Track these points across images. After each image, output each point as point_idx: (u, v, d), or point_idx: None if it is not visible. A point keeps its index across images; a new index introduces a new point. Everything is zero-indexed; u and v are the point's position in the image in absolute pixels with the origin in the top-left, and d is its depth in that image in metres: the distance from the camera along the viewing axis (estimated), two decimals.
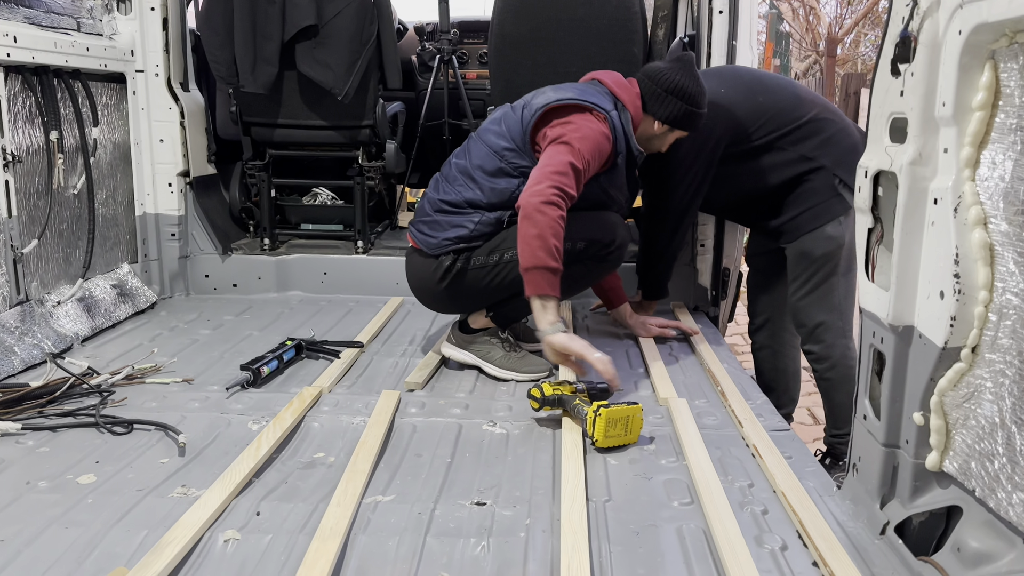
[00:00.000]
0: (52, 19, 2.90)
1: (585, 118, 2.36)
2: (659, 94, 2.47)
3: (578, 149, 2.29)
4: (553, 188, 2.22)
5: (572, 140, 2.29)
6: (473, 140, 2.54)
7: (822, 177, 2.71)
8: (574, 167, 2.26)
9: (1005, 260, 1.26)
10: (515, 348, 2.58)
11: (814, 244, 2.71)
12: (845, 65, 12.90)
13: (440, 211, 2.49)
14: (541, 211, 2.19)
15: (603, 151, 2.37)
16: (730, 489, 1.77)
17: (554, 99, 2.38)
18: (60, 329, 2.77)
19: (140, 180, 3.42)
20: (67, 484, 1.80)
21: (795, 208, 2.76)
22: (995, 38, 1.25)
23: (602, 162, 2.39)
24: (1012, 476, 1.23)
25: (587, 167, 2.31)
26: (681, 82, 2.46)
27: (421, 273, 2.54)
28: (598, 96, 2.43)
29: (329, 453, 1.97)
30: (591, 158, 2.32)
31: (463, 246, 2.45)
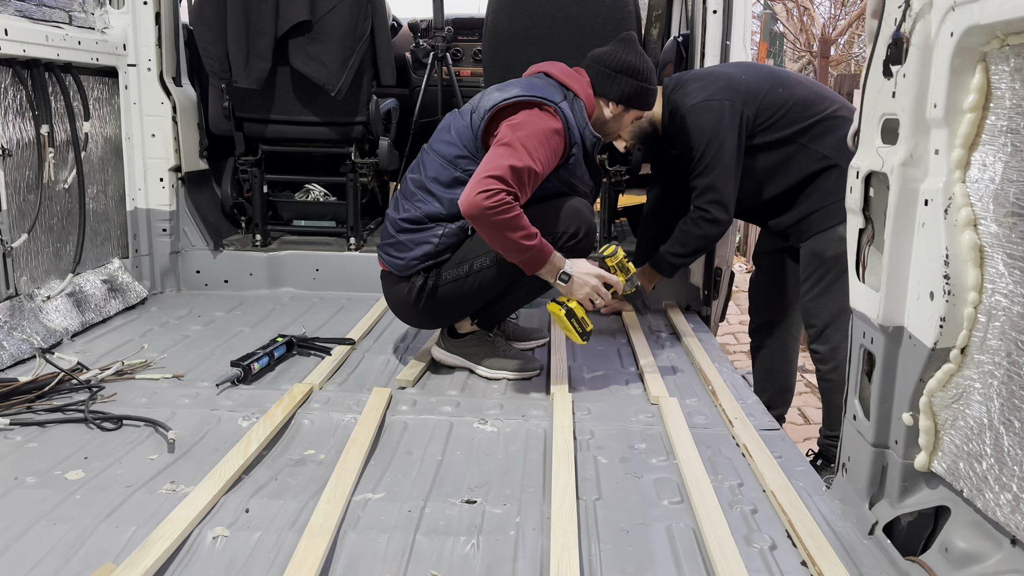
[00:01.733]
0: (44, 12, 2.88)
1: (534, 114, 2.30)
2: (608, 75, 2.42)
3: (521, 149, 2.23)
4: (484, 192, 2.15)
5: (513, 141, 2.23)
6: (425, 152, 2.48)
7: (836, 176, 2.70)
8: (513, 169, 2.19)
9: (995, 261, 1.26)
10: (506, 347, 2.58)
11: (826, 244, 2.71)
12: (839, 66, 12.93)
13: (402, 231, 2.44)
14: (490, 217, 2.16)
15: (555, 145, 2.30)
16: (720, 488, 1.78)
17: (500, 99, 2.32)
18: (50, 324, 2.75)
19: (131, 175, 3.40)
20: (55, 480, 1.79)
21: (808, 207, 2.76)
22: (986, 40, 1.26)
23: (557, 156, 2.33)
24: (999, 477, 1.24)
25: (535, 164, 2.23)
26: (628, 59, 2.42)
27: (397, 296, 2.51)
28: (546, 89, 2.36)
29: (319, 450, 1.97)
30: (539, 156, 2.25)
31: (432, 262, 2.40)
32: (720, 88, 2.71)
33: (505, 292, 2.47)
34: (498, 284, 2.40)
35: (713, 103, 2.69)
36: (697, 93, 2.73)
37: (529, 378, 2.49)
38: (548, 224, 2.35)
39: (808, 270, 2.80)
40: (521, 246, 2.21)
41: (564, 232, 2.39)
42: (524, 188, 2.23)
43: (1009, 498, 1.22)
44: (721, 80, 2.75)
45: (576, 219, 2.42)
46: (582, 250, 2.45)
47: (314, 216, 3.86)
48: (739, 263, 7.61)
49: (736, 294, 6.28)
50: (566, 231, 2.40)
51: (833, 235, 2.69)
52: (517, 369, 2.51)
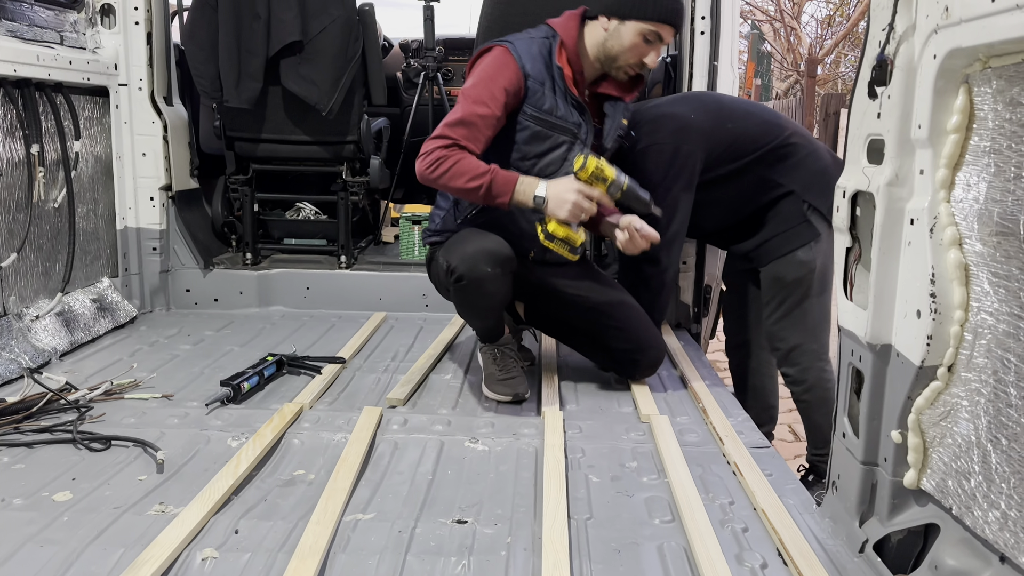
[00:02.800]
0: (35, 32, 2.88)
1: (484, 59, 2.37)
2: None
3: (463, 100, 2.30)
4: (426, 154, 2.26)
5: (462, 94, 2.32)
6: None
7: (791, 202, 2.74)
8: (449, 124, 2.26)
9: (980, 280, 1.28)
10: (502, 366, 2.49)
11: (786, 269, 2.74)
12: (825, 85, 13.07)
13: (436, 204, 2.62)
14: (430, 177, 2.26)
15: (493, 76, 2.30)
16: (711, 507, 1.78)
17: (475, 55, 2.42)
18: (38, 344, 2.74)
19: (122, 194, 3.40)
20: (43, 501, 1.77)
21: (766, 233, 2.79)
22: (969, 63, 1.28)
23: (503, 90, 2.30)
24: (988, 494, 1.25)
25: (476, 106, 2.27)
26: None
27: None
28: (516, 35, 2.42)
29: (309, 470, 1.96)
30: (479, 95, 2.28)
31: (436, 239, 2.52)
32: (670, 131, 2.71)
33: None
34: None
35: (664, 147, 2.68)
36: (647, 137, 2.72)
37: (520, 402, 2.47)
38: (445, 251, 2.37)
39: (769, 295, 2.82)
40: (470, 188, 2.24)
41: (447, 265, 2.33)
42: (475, 135, 2.27)
43: (998, 515, 1.22)
44: (670, 122, 2.74)
45: (459, 257, 2.30)
46: (456, 292, 2.36)
47: (305, 234, 3.86)
48: None
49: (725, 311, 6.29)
50: (448, 264, 2.32)
51: (792, 260, 2.72)
52: (495, 391, 2.47)
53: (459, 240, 2.37)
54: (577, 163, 2.28)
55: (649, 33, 2.31)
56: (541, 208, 2.27)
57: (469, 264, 2.27)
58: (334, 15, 3.33)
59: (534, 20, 3.19)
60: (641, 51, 2.35)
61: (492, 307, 2.41)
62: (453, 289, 2.34)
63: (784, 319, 2.79)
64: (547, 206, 2.26)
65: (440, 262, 2.39)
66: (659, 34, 2.32)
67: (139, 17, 3.33)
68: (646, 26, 2.30)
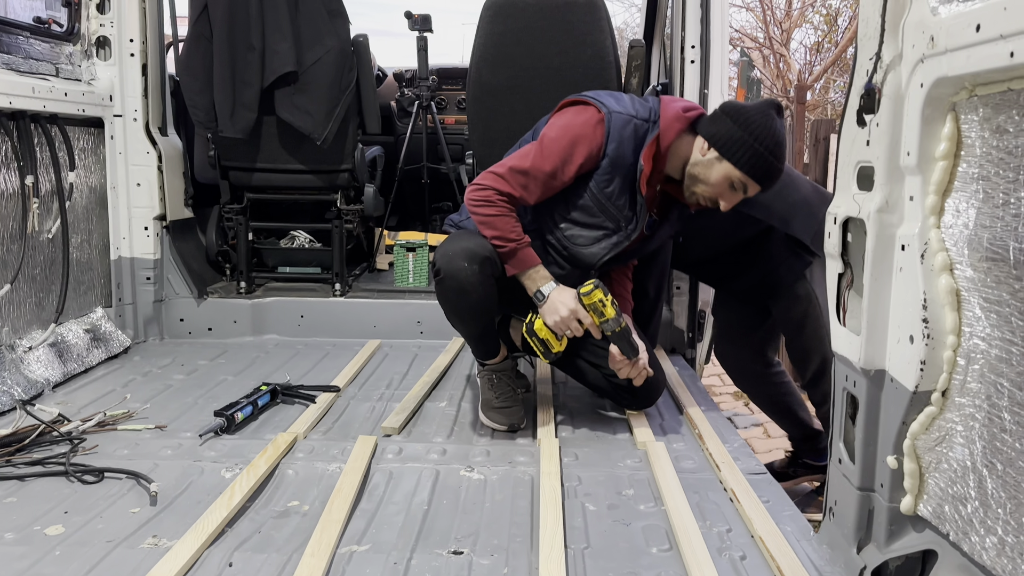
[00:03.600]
0: (31, 65, 2.90)
1: (574, 111, 2.34)
2: (716, 114, 2.29)
3: (537, 147, 2.29)
4: (480, 188, 2.26)
5: (539, 141, 2.31)
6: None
7: (775, 237, 2.76)
8: (513, 169, 2.26)
9: (972, 305, 1.29)
10: (499, 392, 2.49)
11: (790, 306, 2.78)
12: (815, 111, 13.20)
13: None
14: (472, 212, 2.29)
15: (573, 144, 2.27)
16: (708, 535, 1.77)
17: (573, 96, 2.41)
18: (31, 375, 2.73)
19: (116, 224, 3.40)
20: (34, 536, 1.75)
21: (757, 273, 2.82)
22: (955, 91, 1.30)
23: (582, 154, 2.27)
24: (985, 520, 1.24)
25: (544, 161, 2.26)
26: (743, 109, 2.25)
27: None
28: (625, 102, 2.34)
29: (303, 501, 1.95)
30: (552, 151, 2.27)
31: (451, 230, 2.53)
32: None
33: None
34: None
35: None
36: None
37: (515, 431, 2.46)
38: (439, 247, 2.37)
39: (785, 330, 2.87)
40: (495, 243, 2.27)
41: (432, 262, 2.38)
42: (532, 190, 2.28)
43: (995, 541, 1.22)
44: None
45: (444, 256, 2.29)
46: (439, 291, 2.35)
47: (299, 262, 3.86)
48: None
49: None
50: (435, 262, 2.34)
51: (792, 296, 2.77)
52: (490, 418, 2.47)
53: (451, 238, 2.39)
54: (585, 287, 2.30)
55: (738, 181, 2.26)
56: (536, 303, 2.33)
57: (447, 260, 2.28)
58: (328, 46, 3.37)
59: (528, 50, 3.24)
60: (721, 192, 2.30)
61: (471, 308, 2.35)
62: (435, 286, 2.36)
63: (804, 348, 2.83)
64: (541, 306, 2.32)
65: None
66: (746, 186, 2.28)
67: (134, 49, 3.36)
68: (739, 174, 2.24)
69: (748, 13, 15.56)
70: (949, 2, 1.29)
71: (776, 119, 2.26)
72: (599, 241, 2.42)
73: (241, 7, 3.31)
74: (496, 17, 3.26)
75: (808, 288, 2.73)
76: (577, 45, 3.24)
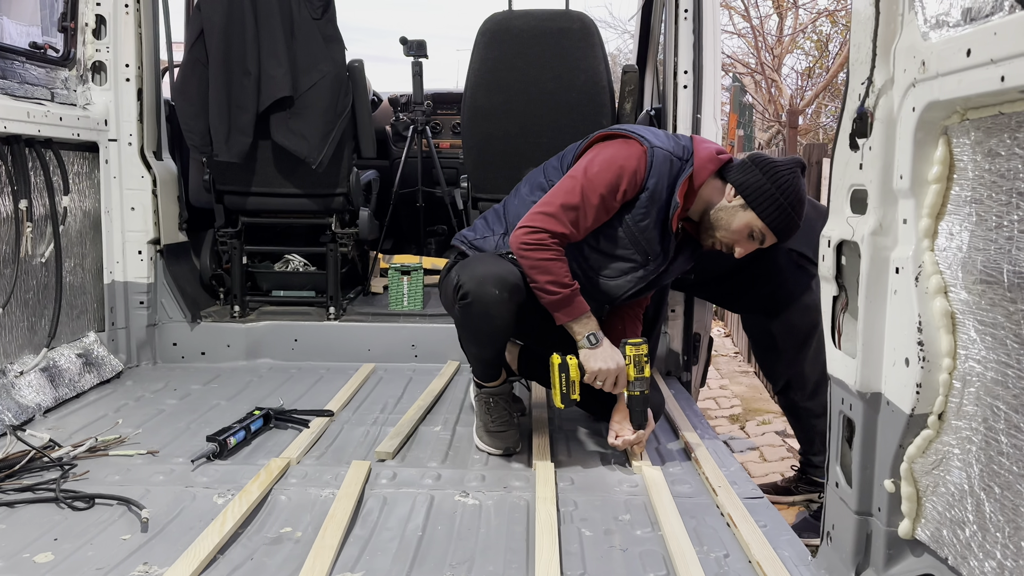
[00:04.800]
0: (26, 89, 2.91)
1: (617, 144, 2.31)
2: (745, 164, 2.30)
3: (582, 179, 2.24)
4: (532, 231, 2.21)
5: (581, 171, 2.26)
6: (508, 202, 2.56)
7: (778, 254, 2.79)
8: (564, 208, 2.22)
9: (966, 328, 1.29)
10: (495, 415, 2.47)
11: (798, 317, 2.80)
12: (807, 135, 13.31)
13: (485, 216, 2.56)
14: (523, 256, 2.23)
15: (619, 176, 2.24)
16: (705, 560, 1.75)
17: (608, 128, 2.39)
18: (22, 400, 2.70)
19: (110, 248, 3.39)
20: (23, 563, 1.73)
21: (762, 288, 2.85)
22: (947, 115, 1.31)
23: (624, 187, 2.26)
24: (983, 544, 1.24)
25: (592, 194, 2.23)
26: (777, 165, 2.26)
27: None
28: (662, 137, 2.33)
29: (296, 528, 1.93)
30: (600, 188, 2.23)
31: (464, 248, 2.49)
32: None
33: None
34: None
35: None
36: None
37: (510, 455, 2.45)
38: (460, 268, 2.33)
39: (787, 342, 2.89)
40: (545, 288, 2.22)
41: (459, 284, 2.27)
42: (579, 224, 2.25)
43: (994, 565, 1.21)
44: None
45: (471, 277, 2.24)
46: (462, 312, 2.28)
47: (294, 286, 3.85)
48: (717, 328, 7.66)
49: (715, 359, 6.31)
50: (459, 282, 2.27)
51: (799, 306, 2.78)
52: (487, 443, 2.45)
53: (476, 260, 2.35)
54: (636, 339, 2.31)
55: (758, 231, 2.28)
56: (585, 346, 2.26)
57: (477, 283, 2.23)
58: (324, 71, 3.39)
59: (523, 75, 3.27)
60: (740, 240, 2.32)
61: (492, 333, 2.34)
62: (458, 307, 2.30)
63: (808, 361, 2.85)
64: (592, 350, 2.26)
65: (453, 277, 2.35)
66: (765, 237, 2.30)
67: (130, 74, 3.37)
68: (760, 224, 2.27)
69: (740, 39, 15.72)
70: (940, 27, 1.30)
71: (801, 178, 2.29)
72: (626, 274, 2.40)
73: (237, 33, 3.33)
74: (491, 43, 3.29)
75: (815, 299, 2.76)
76: (571, 70, 3.27)
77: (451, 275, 2.40)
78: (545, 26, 3.27)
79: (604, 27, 18.38)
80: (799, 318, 2.82)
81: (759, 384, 5.61)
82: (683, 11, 3.18)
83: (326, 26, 3.41)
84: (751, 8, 14.47)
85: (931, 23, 1.33)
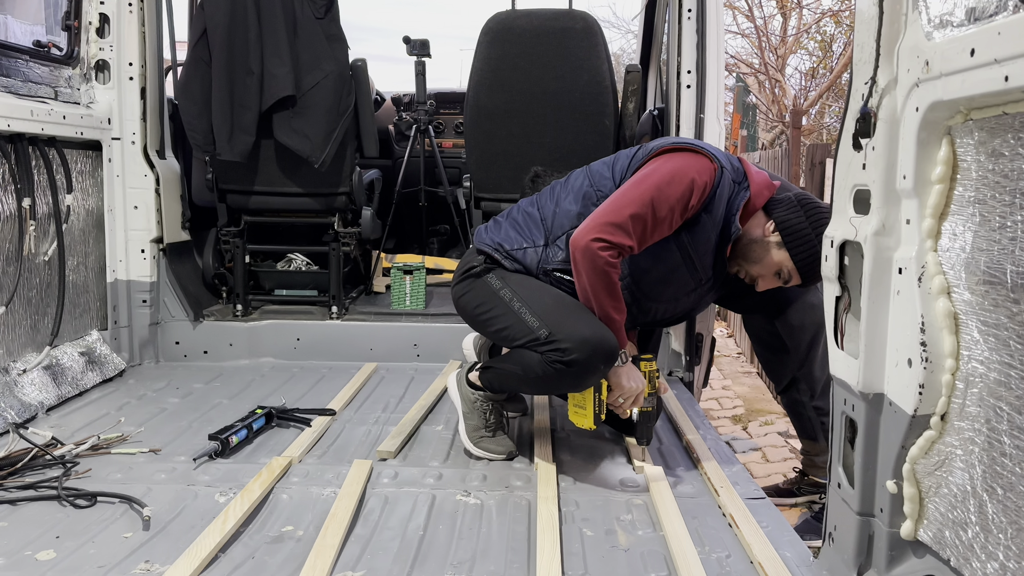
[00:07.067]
0: (30, 88, 2.92)
1: (688, 157, 2.17)
2: (792, 203, 2.24)
3: (655, 189, 2.10)
4: (599, 242, 2.06)
5: (654, 177, 2.13)
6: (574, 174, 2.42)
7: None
8: (635, 217, 2.07)
9: (970, 328, 1.28)
10: (490, 422, 2.44)
11: (803, 315, 2.79)
12: (810, 135, 13.29)
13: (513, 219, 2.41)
14: (591, 272, 2.10)
15: (691, 189, 2.12)
16: (707, 560, 1.75)
17: (671, 141, 2.25)
18: (25, 398, 2.71)
19: (112, 246, 3.40)
20: (25, 561, 1.73)
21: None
22: (951, 115, 1.30)
23: (691, 203, 2.14)
24: (986, 545, 1.23)
25: (660, 206, 2.10)
26: (821, 210, 2.21)
27: (464, 258, 2.46)
28: (724, 157, 2.23)
29: (298, 526, 1.93)
30: (671, 200, 2.11)
31: (500, 259, 2.33)
32: None
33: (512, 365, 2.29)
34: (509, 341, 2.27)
35: None
36: None
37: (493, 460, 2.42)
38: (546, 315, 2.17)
39: (794, 341, 2.88)
40: (607, 314, 2.12)
41: (553, 339, 2.11)
42: (644, 237, 2.12)
43: (996, 567, 1.21)
44: None
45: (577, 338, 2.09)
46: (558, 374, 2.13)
47: (296, 285, 3.86)
48: (720, 328, 7.66)
49: (718, 359, 6.31)
50: (556, 340, 2.11)
51: (805, 305, 2.77)
52: (485, 448, 2.42)
53: (561, 306, 2.19)
54: (647, 356, 2.31)
55: (787, 271, 2.25)
56: (620, 364, 2.20)
57: (586, 354, 2.09)
58: (327, 70, 3.39)
59: (525, 75, 3.27)
60: (765, 275, 2.28)
61: (565, 390, 2.30)
62: (547, 365, 2.13)
63: (816, 360, 2.85)
64: (622, 368, 2.21)
65: (522, 314, 2.20)
66: (791, 277, 2.26)
67: (133, 72, 3.38)
68: (791, 265, 2.23)
69: (744, 39, 15.70)
70: (943, 27, 1.30)
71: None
72: (676, 299, 2.35)
73: (240, 32, 3.33)
74: (494, 42, 3.29)
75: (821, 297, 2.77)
76: (574, 70, 3.27)
77: (515, 309, 2.22)
78: (548, 25, 3.27)
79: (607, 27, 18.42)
80: (806, 317, 2.81)
81: (762, 385, 5.60)
82: (687, 11, 3.18)
83: (329, 25, 3.41)
84: (755, 8, 14.45)
85: (935, 23, 1.33)
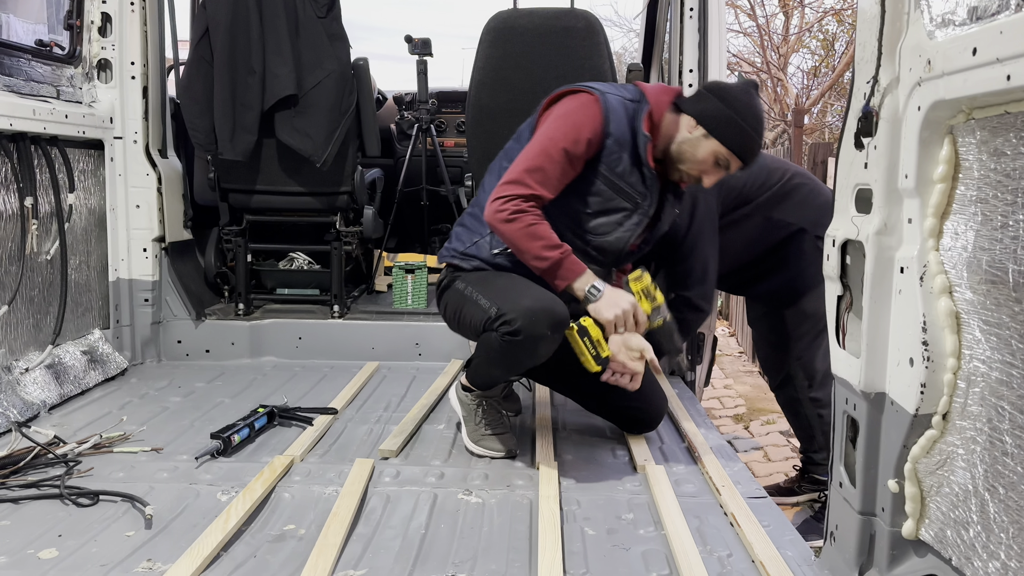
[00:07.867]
0: (32, 87, 2.92)
1: (570, 99, 2.30)
2: (700, 93, 2.30)
3: (543, 138, 2.23)
4: (505, 200, 2.15)
5: (541, 135, 2.25)
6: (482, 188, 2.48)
7: (804, 240, 2.85)
8: (529, 171, 2.18)
9: (971, 328, 1.28)
10: (489, 419, 2.44)
11: (816, 303, 2.79)
12: (812, 134, 13.27)
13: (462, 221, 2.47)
14: (504, 228, 2.17)
15: (576, 124, 2.23)
16: (709, 560, 1.75)
17: (552, 92, 2.35)
18: (27, 397, 2.71)
19: (115, 245, 3.40)
20: (27, 559, 1.73)
21: (787, 273, 2.89)
22: (952, 114, 1.30)
23: (586, 135, 2.22)
24: (987, 544, 1.23)
25: (554, 151, 2.20)
26: (727, 87, 2.27)
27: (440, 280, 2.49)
28: (608, 86, 2.33)
29: (300, 525, 1.93)
30: (559, 140, 2.21)
31: (459, 263, 2.39)
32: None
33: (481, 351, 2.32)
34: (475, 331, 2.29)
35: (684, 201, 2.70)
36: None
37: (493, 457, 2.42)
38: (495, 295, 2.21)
39: (801, 329, 2.92)
40: (537, 255, 2.15)
41: (500, 315, 2.15)
42: (550, 183, 2.19)
43: (997, 566, 1.21)
44: None
45: (519, 310, 2.12)
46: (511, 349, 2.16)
47: (298, 284, 3.86)
48: (722, 327, 7.65)
49: (720, 358, 6.31)
50: (502, 315, 2.14)
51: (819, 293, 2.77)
52: (483, 446, 2.42)
53: (509, 285, 2.24)
54: (635, 273, 2.28)
55: (723, 158, 2.26)
56: (591, 300, 2.17)
57: (529, 321, 2.10)
58: (329, 69, 3.39)
59: (527, 73, 3.26)
60: (706, 169, 2.29)
61: (528, 365, 2.27)
62: (501, 340, 2.15)
63: (819, 349, 2.86)
64: (598, 301, 2.17)
65: (483, 304, 2.23)
66: (730, 163, 2.28)
67: (135, 72, 3.38)
68: (725, 151, 2.24)
69: (745, 38, 15.68)
70: (945, 26, 1.30)
71: (756, 97, 2.29)
72: (621, 224, 2.36)
73: (242, 31, 3.33)
74: (496, 41, 3.28)
75: None
76: (576, 69, 3.26)
77: (473, 298, 2.27)
78: (550, 24, 3.27)
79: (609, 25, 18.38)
80: (815, 304, 2.83)
81: (763, 384, 5.60)
82: (688, 9, 3.18)
83: (331, 24, 3.41)
84: (757, 7, 14.43)
85: (937, 22, 1.32)
